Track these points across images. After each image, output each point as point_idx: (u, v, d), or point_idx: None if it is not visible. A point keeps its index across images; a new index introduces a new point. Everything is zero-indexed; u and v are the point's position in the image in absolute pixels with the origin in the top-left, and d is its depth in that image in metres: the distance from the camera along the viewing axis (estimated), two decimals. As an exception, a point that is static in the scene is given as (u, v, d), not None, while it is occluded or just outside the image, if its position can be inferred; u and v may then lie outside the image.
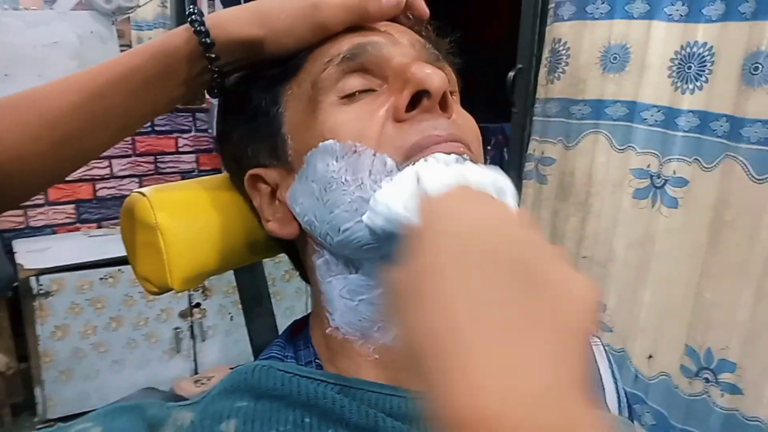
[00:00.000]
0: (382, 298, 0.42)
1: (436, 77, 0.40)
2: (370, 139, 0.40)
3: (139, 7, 2.14)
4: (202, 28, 0.42)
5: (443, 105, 0.41)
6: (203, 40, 0.42)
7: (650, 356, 1.42)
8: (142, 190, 0.51)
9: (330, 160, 0.41)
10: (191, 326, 2.17)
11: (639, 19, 1.34)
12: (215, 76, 0.44)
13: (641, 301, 1.42)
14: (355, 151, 0.41)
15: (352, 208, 0.41)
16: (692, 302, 1.32)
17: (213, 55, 0.42)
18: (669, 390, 1.38)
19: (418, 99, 0.40)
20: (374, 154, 0.40)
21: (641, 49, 1.34)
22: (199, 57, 0.43)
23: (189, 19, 0.43)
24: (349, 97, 0.43)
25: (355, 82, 0.43)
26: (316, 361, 0.46)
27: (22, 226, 2.19)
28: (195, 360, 2.20)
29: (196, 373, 2.20)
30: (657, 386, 1.40)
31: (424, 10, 0.48)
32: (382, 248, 0.41)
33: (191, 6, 0.44)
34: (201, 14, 0.43)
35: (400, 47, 0.44)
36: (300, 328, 0.50)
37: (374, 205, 0.39)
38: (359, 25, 0.44)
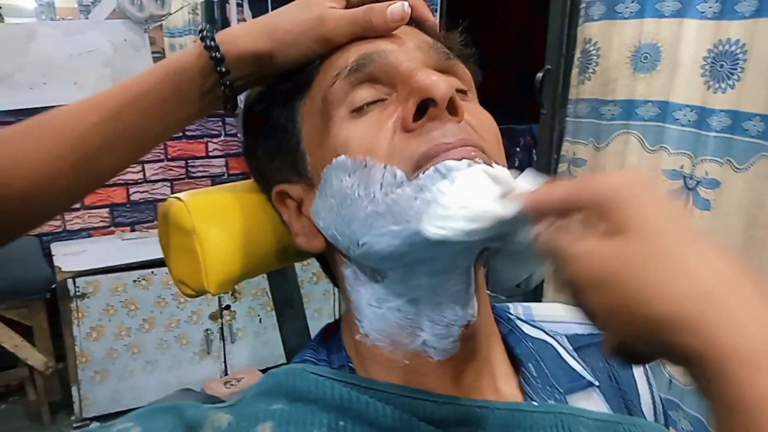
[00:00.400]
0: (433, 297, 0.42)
1: (442, 84, 0.39)
2: (380, 152, 0.40)
3: (171, 15, 2.19)
4: (212, 43, 0.43)
5: (452, 109, 0.40)
6: (214, 54, 0.43)
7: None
8: (179, 195, 0.52)
9: (344, 176, 0.41)
10: (221, 328, 2.20)
11: (670, 17, 1.32)
12: (228, 90, 0.45)
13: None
14: (366, 165, 0.40)
15: (367, 222, 0.40)
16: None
17: (224, 69, 0.44)
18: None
19: (425, 107, 0.39)
20: (384, 167, 0.40)
21: (672, 48, 1.32)
22: (211, 72, 0.44)
23: (200, 36, 0.44)
24: (359, 110, 0.42)
25: (364, 94, 0.42)
26: (349, 365, 0.46)
27: (59, 230, 2.25)
28: (225, 361, 2.23)
29: (226, 374, 2.23)
30: (693, 392, 1.37)
31: (429, 16, 0.48)
32: (405, 257, 0.41)
33: (202, 23, 0.46)
34: (212, 30, 0.45)
35: (407, 52, 0.43)
36: (332, 331, 0.50)
37: (442, 212, 0.37)
38: (364, 36, 0.44)
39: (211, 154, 2.47)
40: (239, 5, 2.33)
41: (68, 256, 2.06)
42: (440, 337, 0.43)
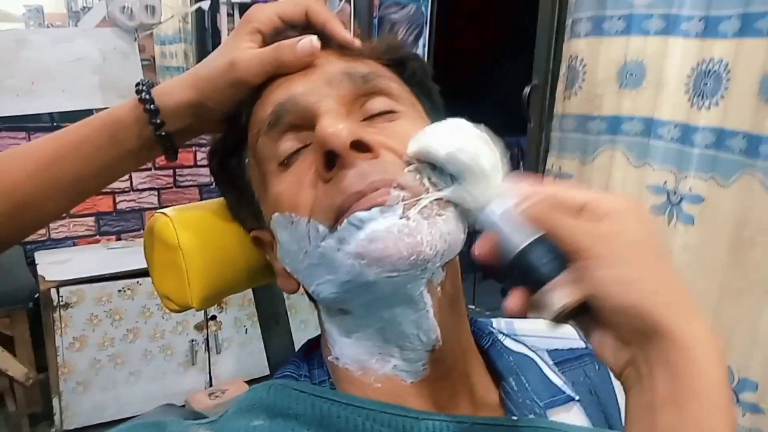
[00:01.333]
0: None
1: (342, 133, 0.38)
2: (303, 207, 0.41)
3: (161, 23, 2.18)
4: (146, 96, 0.45)
5: (362, 149, 0.39)
6: (148, 107, 0.45)
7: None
8: (165, 210, 0.53)
9: (282, 231, 0.44)
10: (206, 339, 2.18)
11: (655, 35, 1.34)
12: (166, 141, 0.47)
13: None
14: (293, 222, 0.42)
15: (308, 273, 0.43)
16: (711, 320, 1.31)
17: (158, 121, 0.45)
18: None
19: (334, 155, 0.39)
20: (308, 222, 0.41)
21: (658, 65, 1.34)
22: (146, 123, 0.46)
23: (136, 89, 0.46)
24: (285, 162, 0.43)
25: (287, 145, 0.43)
26: (330, 380, 0.46)
27: (43, 238, 2.22)
28: (210, 372, 2.21)
29: (211, 385, 2.21)
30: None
31: (347, 38, 0.47)
32: (351, 300, 0.42)
33: (140, 80, 0.47)
34: (148, 84, 0.47)
35: (319, 91, 0.43)
36: (315, 347, 0.50)
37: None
38: (278, 73, 0.45)
39: (199, 163, 2.46)
40: (230, 14, 2.33)
41: (52, 265, 2.03)
42: (409, 361, 0.44)
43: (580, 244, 0.33)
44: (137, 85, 0.46)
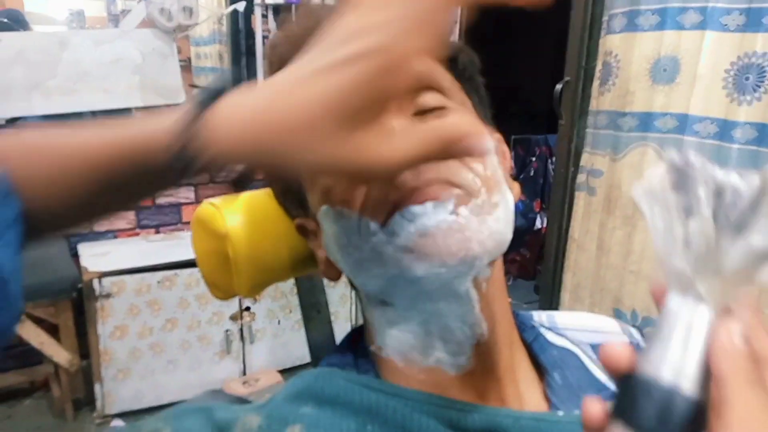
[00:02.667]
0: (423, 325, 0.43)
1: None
2: (354, 202, 0.40)
3: (198, 24, 2.24)
4: (188, 153, 0.31)
5: None
6: (187, 164, 0.31)
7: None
8: (211, 200, 0.54)
9: (330, 223, 0.43)
10: (241, 329, 2.24)
11: (691, 29, 1.33)
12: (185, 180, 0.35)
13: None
14: (344, 216, 0.41)
15: (356, 266, 0.43)
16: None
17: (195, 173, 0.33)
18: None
19: None
20: (359, 218, 0.40)
21: (692, 60, 1.32)
22: (177, 171, 0.32)
23: (180, 130, 0.31)
24: None
25: None
26: (374, 370, 0.46)
27: (86, 231, 2.31)
28: (243, 362, 2.26)
29: (245, 374, 2.27)
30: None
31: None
32: (397, 294, 0.42)
33: (186, 117, 0.31)
34: (196, 130, 0.31)
35: None
36: (359, 336, 0.51)
37: None
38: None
39: (234, 159, 2.51)
40: (264, 16, 2.37)
41: (95, 257, 2.11)
42: (453, 354, 0.43)
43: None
44: (182, 132, 0.31)
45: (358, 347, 0.49)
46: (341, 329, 0.56)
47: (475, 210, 0.39)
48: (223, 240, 0.52)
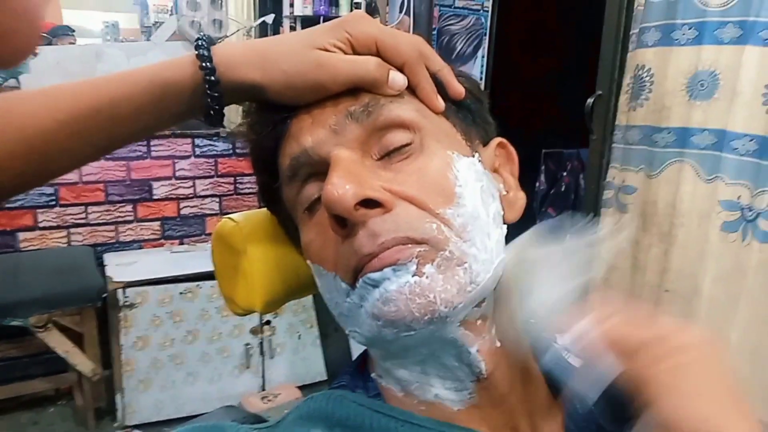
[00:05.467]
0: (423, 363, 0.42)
1: (345, 197, 0.36)
2: (328, 261, 0.41)
3: (227, 37, 2.27)
4: (208, 64, 0.40)
5: (372, 206, 0.38)
6: (209, 77, 0.41)
7: (740, 402, 1.32)
8: (233, 216, 0.54)
9: (316, 277, 0.44)
10: (261, 343, 2.23)
11: (730, 44, 1.28)
12: (214, 111, 0.43)
13: (728, 341, 1.33)
14: (322, 273, 0.42)
15: (341, 320, 0.43)
16: (789, 345, 1.23)
17: (216, 94, 0.41)
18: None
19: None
20: (334, 277, 0.41)
21: (732, 76, 1.28)
22: (202, 93, 0.41)
23: (197, 53, 0.41)
24: (310, 208, 0.42)
25: (309, 192, 0.42)
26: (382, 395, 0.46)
27: (112, 241, 2.34)
28: (263, 376, 2.25)
29: (264, 389, 2.25)
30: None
31: (459, 92, 0.45)
32: (383, 345, 0.42)
33: (200, 35, 0.42)
34: (209, 44, 0.41)
35: (327, 140, 0.41)
36: (368, 359, 0.50)
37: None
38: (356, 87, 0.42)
39: (259, 171, 2.53)
40: (292, 28, 2.40)
41: (120, 267, 2.13)
42: (454, 390, 0.42)
43: (653, 378, 0.34)
44: (197, 47, 0.41)
45: (368, 370, 0.48)
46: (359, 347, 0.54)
47: (443, 265, 0.38)
48: (241, 256, 0.52)
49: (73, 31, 2.26)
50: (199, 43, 0.42)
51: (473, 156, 0.44)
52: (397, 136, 0.41)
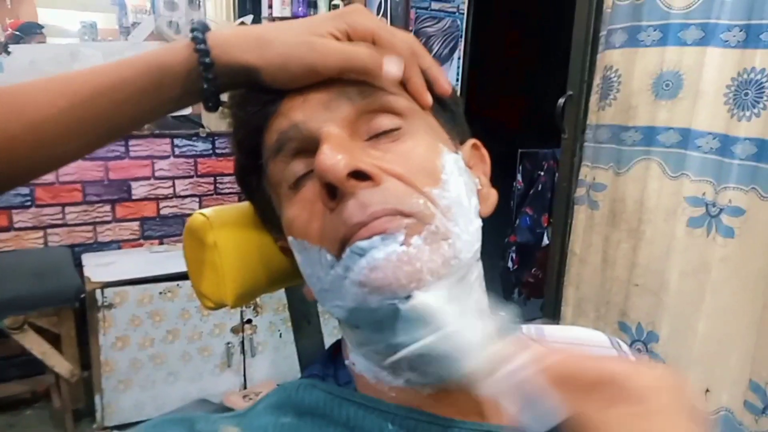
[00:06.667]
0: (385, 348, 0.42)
1: (338, 166, 0.37)
2: (313, 235, 0.41)
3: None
4: (203, 46, 0.41)
5: (362, 178, 0.39)
6: (204, 59, 0.41)
7: (707, 390, 1.37)
8: (204, 211, 0.55)
9: (297, 254, 0.45)
10: (242, 341, 2.23)
11: (693, 45, 1.32)
12: (211, 94, 0.43)
13: (695, 332, 1.37)
14: (305, 248, 0.42)
15: (321, 296, 0.44)
16: (755, 335, 1.27)
17: (212, 76, 0.42)
18: (732, 427, 1.32)
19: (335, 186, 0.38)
20: (319, 250, 0.41)
21: (695, 76, 1.32)
22: (198, 76, 0.42)
23: (191, 36, 0.42)
24: (295, 185, 0.43)
25: (296, 169, 0.43)
26: (354, 382, 0.47)
27: (90, 241, 2.32)
28: (244, 375, 2.25)
29: (245, 387, 2.25)
30: (717, 422, 1.35)
31: (448, 91, 0.46)
32: (362, 321, 0.42)
33: (194, 21, 0.44)
34: (204, 31, 0.42)
35: (317, 115, 0.42)
36: (341, 347, 0.51)
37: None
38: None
39: (238, 171, 2.53)
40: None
41: (98, 267, 2.12)
42: (425, 374, 0.43)
43: (606, 426, 0.30)
44: (192, 30, 0.42)
45: (339, 358, 0.49)
46: (332, 338, 0.55)
47: (429, 238, 0.39)
48: (211, 250, 0.53)
49: (42, 27, 2.23)
50: (194, 26, 0.42)
51: (457, 153, 0.46)
52: (387, 119, 0.43)
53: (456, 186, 0.43)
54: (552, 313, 1.72)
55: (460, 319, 0.36)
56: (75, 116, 0.42)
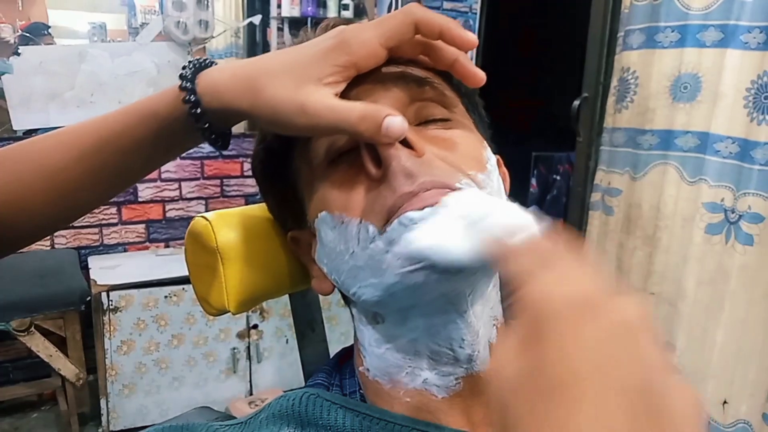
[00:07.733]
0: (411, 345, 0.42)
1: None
2: (354, 208, 0.40)
3: (213, 37, 2.26)
4: (192, 97, 0.40)
5: (410, 147, 0.39)
6: (194, 111, 0.40)
7: (725, 402, 1.33)
8: (206, 214, 0.53)
9: (327, 230, 0.43)
10: (248, 347, 2.21)
11: (712, 47, 1.29)
12: (209, 135, 0.42)
13: (713, 342, 1.33)
14: (343, 222, 0.41)
15: (351, 275, 0.42)
16: (772, 347, 1.23)
17: (206, 125, 0.41)
18: (748, 441, 1.28)
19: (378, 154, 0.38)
20: (360, 222, 0.40)
21: (714, 79, 1.29)
22: (192, 124, 0.41)
23: (180, 84, 0.40)
24: (334, 161, 0.42)
25: (339, 143, 0.42)
26: (360, 391, 0.46)
27: (96, 244, 2.32)
28: (250, 381, 2.23)
29: (251, 394, 2.23)
30: (733, 436, 1.31)
31: (472, 40, 0.42)
32: (392, 305, 0.41)
33: (185, 66, 0.41)
34: (194, 75, 0.40)
35: (372, 91, 0.41)
36: (348, 356, 0.50)
37: (413, 247, 0.37)
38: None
39: (246, 173, 2.51)
40: (279, 29, 2.39)
41: (104, 270, 2.11)
42: (442, 375, 0.42)
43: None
44: (181, 77, 0.40)
45: (346, 367, 0.48)
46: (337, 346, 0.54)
47: None
48: (214, 254, 0.51)
49: (49, 28, 2.24)
50: (183, 74, 0.41)
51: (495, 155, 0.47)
52: (438, 110, 0.43)
53: (497, 179, 0.44)
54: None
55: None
56: (86, 166, 0.43)
